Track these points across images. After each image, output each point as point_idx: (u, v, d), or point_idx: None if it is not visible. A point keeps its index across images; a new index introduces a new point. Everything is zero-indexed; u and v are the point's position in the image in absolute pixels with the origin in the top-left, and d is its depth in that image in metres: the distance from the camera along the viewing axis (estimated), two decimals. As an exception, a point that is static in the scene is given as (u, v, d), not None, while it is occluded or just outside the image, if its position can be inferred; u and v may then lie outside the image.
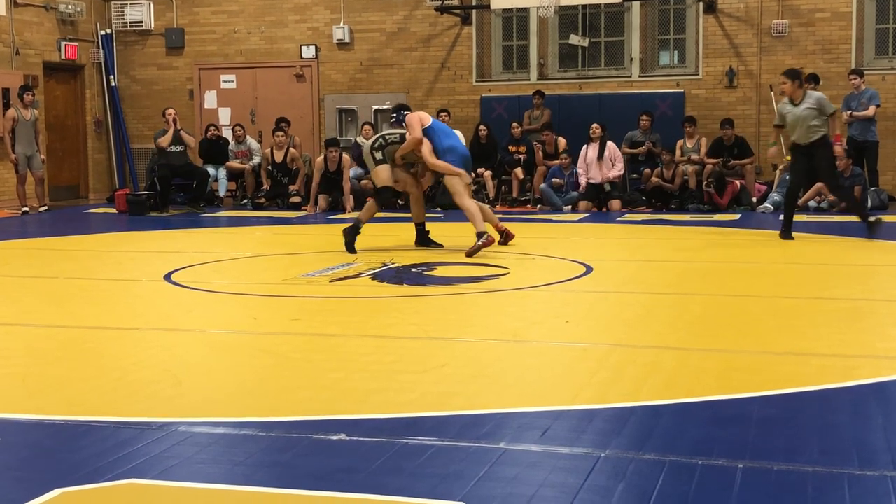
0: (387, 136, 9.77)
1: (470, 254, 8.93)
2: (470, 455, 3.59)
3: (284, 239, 11.57)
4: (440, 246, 9.80)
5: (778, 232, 10.40)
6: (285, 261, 9.33)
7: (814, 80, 13.95)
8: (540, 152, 14.91)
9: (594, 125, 14.37)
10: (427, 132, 9.46)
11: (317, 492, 3.25)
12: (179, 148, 14.62)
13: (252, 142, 15.90)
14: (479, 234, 9.06)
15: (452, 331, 5.95)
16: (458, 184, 9.40)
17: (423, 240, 9.92)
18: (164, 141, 14.50)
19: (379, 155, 9.67)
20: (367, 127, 15.50)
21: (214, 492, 3.30)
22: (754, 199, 13.93)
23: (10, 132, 14.62)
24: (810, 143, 10.11)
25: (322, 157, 14.34)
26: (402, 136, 9.62)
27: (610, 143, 14.31)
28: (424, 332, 5.84)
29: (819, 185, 13.25)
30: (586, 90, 16.05)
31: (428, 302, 6.98)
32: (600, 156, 14.23)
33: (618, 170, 14.21)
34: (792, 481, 3.32)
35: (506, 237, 9.83)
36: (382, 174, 9.64)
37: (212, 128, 15.95)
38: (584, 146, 14.49)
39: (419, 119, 9.52)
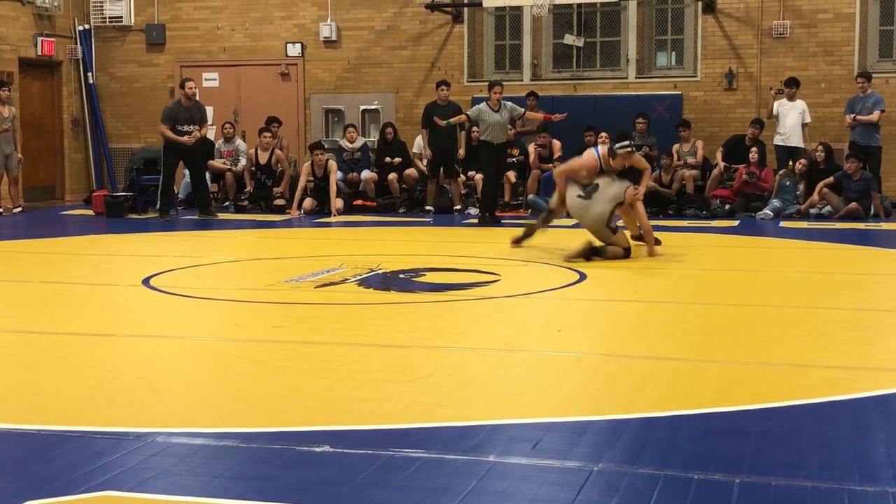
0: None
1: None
2: (458, 468, 3.56)
3: (268, 243, 11.50)
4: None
5: (775, 238, 10.43)
6: (269, 266, 9.26)
7: (794, 84, 13.99)
8: (535, 155, 14.77)
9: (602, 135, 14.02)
10: None
11: (299, 506, 3.23)
12: (195, 127, 13.65)
13: (240, 142, 15.75)
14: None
15: (441, 339, 5.89)
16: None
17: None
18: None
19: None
20: (350, 129, 15.35)
21: (192, 505, 3.28)
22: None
23: None
24: (500, 143, 12.73)
25: (310, 162, 14.21)
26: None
27: None
28: (412, 340, 5.79)
29: (824, 191, 13.17)
30: (581, 91, 15.93)
31: (416, 309, 6.94)
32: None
33: None
34: (790, 497, 3.31)
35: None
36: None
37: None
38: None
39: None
